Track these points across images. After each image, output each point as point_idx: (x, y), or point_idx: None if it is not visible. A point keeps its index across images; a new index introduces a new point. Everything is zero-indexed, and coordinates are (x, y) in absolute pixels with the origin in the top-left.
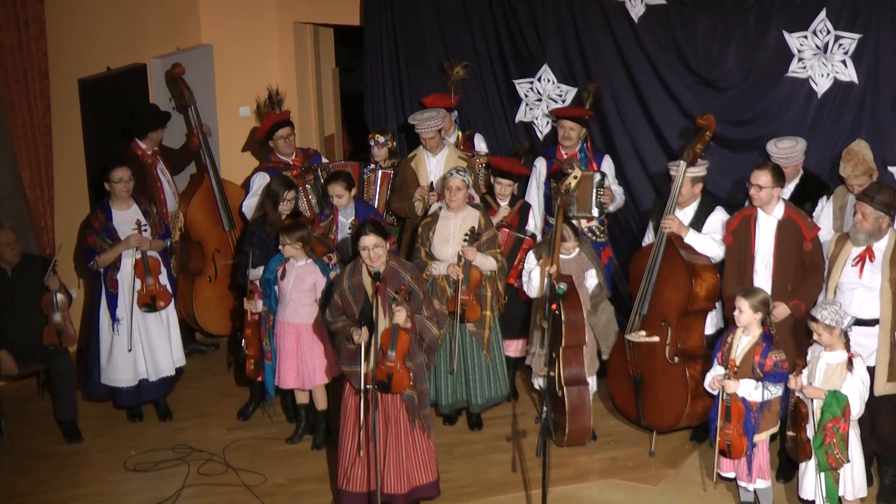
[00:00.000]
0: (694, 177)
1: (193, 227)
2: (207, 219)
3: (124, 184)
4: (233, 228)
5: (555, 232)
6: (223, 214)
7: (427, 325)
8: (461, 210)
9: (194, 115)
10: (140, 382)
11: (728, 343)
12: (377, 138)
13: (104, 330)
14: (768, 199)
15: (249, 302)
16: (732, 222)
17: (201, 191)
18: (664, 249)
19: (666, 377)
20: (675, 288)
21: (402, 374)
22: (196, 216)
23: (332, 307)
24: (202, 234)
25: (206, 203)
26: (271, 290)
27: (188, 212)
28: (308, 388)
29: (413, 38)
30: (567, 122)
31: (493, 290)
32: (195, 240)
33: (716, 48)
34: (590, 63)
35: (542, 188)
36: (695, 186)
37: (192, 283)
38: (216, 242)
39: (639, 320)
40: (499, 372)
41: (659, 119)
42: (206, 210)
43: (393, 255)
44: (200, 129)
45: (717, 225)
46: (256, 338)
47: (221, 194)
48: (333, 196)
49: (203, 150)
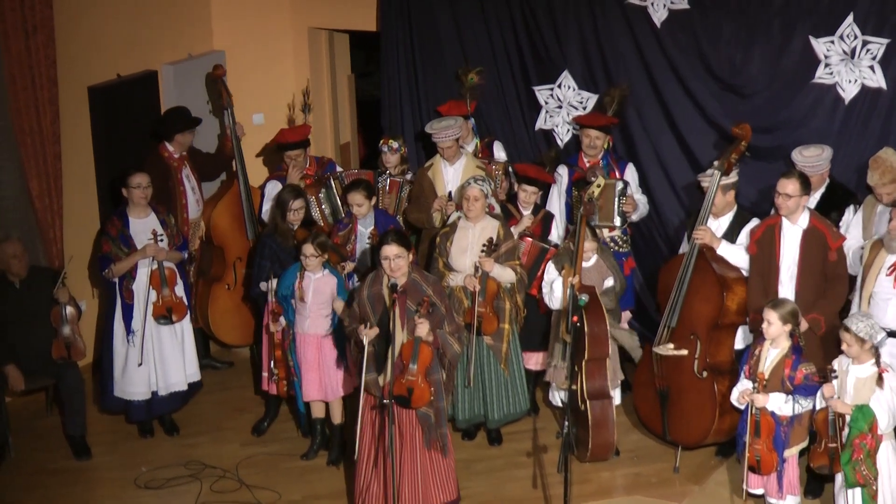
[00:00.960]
0: (725, 184)
1: (217, 232)
2: (232, 225)
3: (142, 190)
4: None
5: (577, 242)
6: (248, 223)
7: (449, 340)
8: (480, 220)
9: (230, 119)
10: (152, 396)
11: (756, 356)
12: (390, 143)
13: (118, 341)
14: (795, 208)
15: (275, 324)
16: (757, 232)
17: (229, 196)
18: (695, 261)
19: (694, 392)
20: (706, 301)
21: (424, 388)
22: (221, 221)
23: (350, 314)
24: (225, 240)
25: (232, 209)
26: (288, 304)
27: (213, 215)
28: (331, 398)
29: (431, 43)
30: (593, 131)
31: (512, 302)
32: (217, 245)
33: (740, 54)
34: (611, 69)
35: (564, 197)
36: (727, 194)
37: (210, 289)
38: (238, 250)
39: (667, 333)
40: (518, 387)
41: (682, 126)
42: (232, 216)
43: (416, 268)
44: (234, 133)
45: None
46: (285, 358)
47: (248, 202)
48: (353, 205)
49: (235, 154)
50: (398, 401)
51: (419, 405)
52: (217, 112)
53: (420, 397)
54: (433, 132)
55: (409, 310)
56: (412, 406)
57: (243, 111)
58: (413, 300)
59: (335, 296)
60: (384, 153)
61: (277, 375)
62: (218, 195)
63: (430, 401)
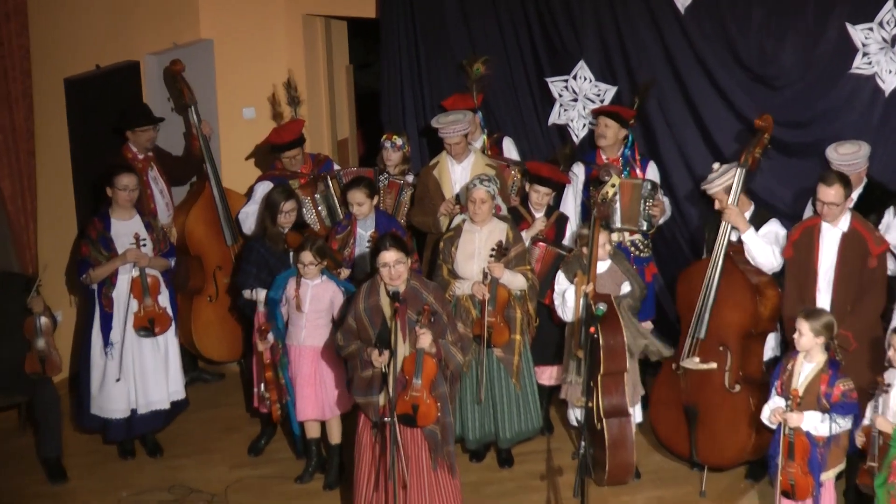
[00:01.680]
0: (727, 186)
1: (192, 241)
2: (208, 232)
3: (129, 192)
4: (236, 242)
5: (590, 248)
6: (225, 227)
7: (452, 350)
8: (487, 223)
9: (194, 117)
10: (132, 414)
11: (788, 371)
12: (394, 140)
13: (96, 354)
14: (841, 213)
15: (263, 342)
16: (794, 234)
17: (201, 200)
18: (722, 265)
19: (726, 408)
20: (737, 308)
21: (430, 404)
22: (195, 228)
23: (344, 330)
24: (202, 249)
25: (206, 214)
26: (277, 311)
27: (186, 223)
28: (329, 417)
29: (435, 31)
30: (603, 117)
31: (523, 311)
32: (194, 255)
33: (771, 42)
34: (631, 59)
35: (580, 197)
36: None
37: (191, 303)
38: (218, 258)
39: (694, 345)
40: (530, 402)
41: (708, 121)
42: (207, 222)
43: (415, 274)
44: (201, 132)
45: (771, 237)
46: (276, 377)
47: (224, 204)
48: (353, 204)
49: (204, 154)
50: (403, 420)
51: (426, 423)
52: (180, 111)
53: (426, 414)
54: (440, 127)
55: (410, 320)
56: (418, 425)
57: (232, 105)
58: (413, 309)
59: (335, 304)
60: (386, 149)
61: (269, 399)
62: (189, 201)
63: (438, 417)
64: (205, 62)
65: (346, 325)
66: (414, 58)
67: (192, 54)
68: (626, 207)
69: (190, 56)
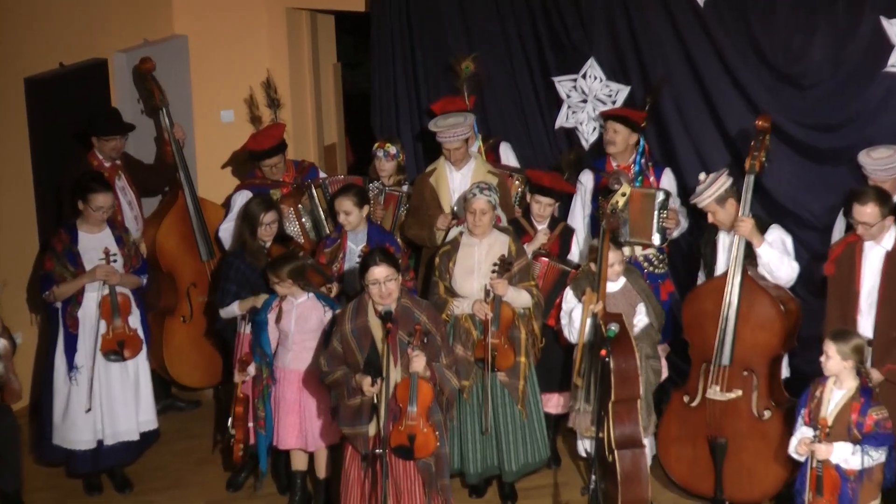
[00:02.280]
0: (718, 197)
1: (164, 256)
2: (181, 246)
3: (103, 213)
4: (211, 258)
5: (599, 262)
6: (200, 241)
7: (447, 375)
8: (487, 235)
9: (166, 120)
10: (98, 445)
11: (817, 398)
12: (387, 148)
13: (59, 379)
14: (880, 231)
15: (241, 373)
16: (835, 249)
17: (174, 212)
18: (741, 282)
19: (757, 437)
20: (763, 329)
21: (428, 433)
22: (167, 242)
23: (329, 355)
24: (174, 265)
25: (179, 227)
26: (263, 335)
27: (158, 236)
28: (311, 449)
29: (431, 27)
30: (611, 122)
31: (528, 330)
32: (166, 271)
33: (798, 37)
34: (645, 56)
35: (589, 208)
36: (727, 205)
37: (163, 323)
38: (191, 275)
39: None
40: (536, 431)
41: (729, 124)
42: (180, 235)
43: (406, 292)
44: (173, 137)
45: (779, 245)
46: (246, 416)
47: (198, 216)
48: (341, 213)
49: (177, 161)
50: (398, 452)
51: (424, 454)
52: (151, 113)
53: (424, 445)
54: (438, 131)
55: (402, 342)
56: (416, 456)
57: (209, 107)
58: (405, 330)
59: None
60: (379, 159)
61: (234, 437)
62: (161, 212)
63: (437, 447)
64: (178, 60)
65: (330, 349)
66: (408, 56)
67: (165, 52)
68: (635, 219)
69: (162, 54)
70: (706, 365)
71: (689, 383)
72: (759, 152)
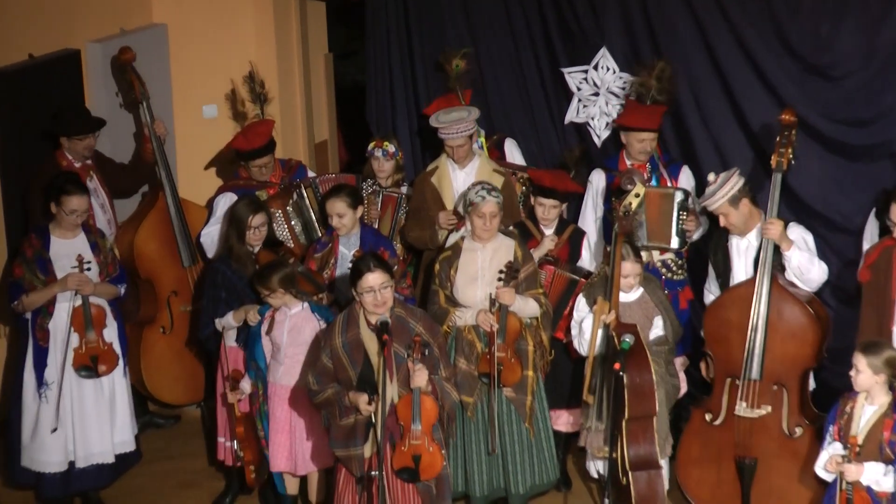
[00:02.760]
0: (731, 197)
1: (143, 262)
2: (161, 251)
3: (77, 216)
4: (194, 264)
5: (612, 268)
6: (181, 245)
7: (446, 388)
8: (491, 240)
9: (146, 115)
10: (70, 467)
11: (847, 413)
12: (385, 147)
13: (28, 396)
14: None
15: (234, 393)
16: (871, 254)
17: (154, 214)
18: (769, 289)
19: (788, 456)
20: (795, 339)
21: (434, 452)
22: (147, 247)
23: (318, 372)
24: (154, 271)
25: (159, 230)
26: (258, 347)
27: (136, 241)
28: (301, 472)
29: (429, 14)
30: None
31: (536, 342)
32: (145, 278)
33: (827, 24)
34: (661, 45)
35: (600, 210)
36: (741, 205)
37: (141, 335)
38: (172, 282)
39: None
40: (545, 450)
41: (751, 119)
42: (160, 240)
43: (398, 301)
44: (153, 133)
45: (802, 245)
46: (252, 434)
47: (180, 218)
48: (333, 216)
49: (157, 159)
50: (403, 475)
51: (431, 475)
52: (130, 108)
53: (431, 465)
54: (440, 126)
55: (398, 355)
56: (422, 478)
57: (190, 102)
58: (401, 342)
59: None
60: (376, 158)
61: (243, 459)
62: (139, 214)
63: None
64: (157, 51)
65: (319, 366)
66: (405, 45)
67: (143, 42)
68: (653, 221)
69: (140, 44)
70: (731, 380)
71: (711, 400)
72: (786, 149)
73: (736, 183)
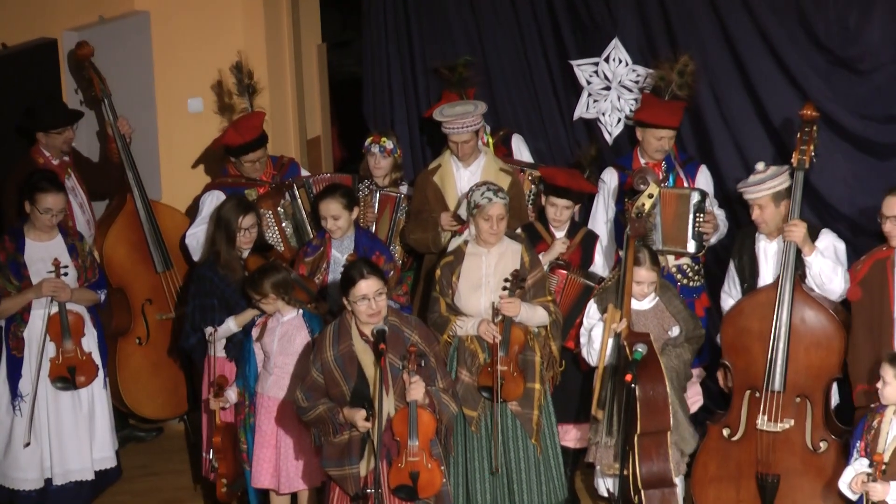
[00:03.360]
0: (776, 192)
1: (113, 269)
2: (132, 257)
3: (52, 216)
4: (168, 269)
5: (623, 273)
6: (153, 250)
7: (444, 399)
8: (497, 244)
9: (108, 113)
10: (46, 484)
11: (874, 429)
12: (383, 143)
13: (1, 409)
14: None
15: (218, 399)
16: (860, 270)
17: (122, 218)
18: (791, 295)
19: (812, 473)
20: (819, 349)
21: (433, 469)
22: (116, 253)
23: (308, 388)
24: (125, 278)
25: (129, 235)
26: (251, 357)
27: (105, 247)
28: (284, 491)
29: (430, 2)
30: (664, 130)
31: (544, 352)
32: (116, 286)
33: (855, 15)
34: (678, 35)
35: (612, 211)
36: (781, 205)
37: (115, 347)
38: (146, 289)
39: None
40: (552, 468)
41: (774, 114)
42: (130, 244)
43: (391, 309)
44: (117, 132)
45: (831, 253)
46: (230, 445)
47: (150, 222)
48: (328, 218)
49: (123, 160)
50: (400, 493)
51: (429, 493)
52: (91, 104)
53: (430, 482)
54: (444, 120)
55: (394, 367)
56: (420, 496)
57: (175, 95)
58: (396, 353)
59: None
60: (373, 155)
61: (217, 470)
62: (107, 219)
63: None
64: (139, 41)
65: (309, 381)
66: (404, 34)
67: (124, 30)
68: (668, 224)
69: (121, 32)
70: (751, 392)
71: (729, 414)
72: (808, 146)
73: (785, 180)
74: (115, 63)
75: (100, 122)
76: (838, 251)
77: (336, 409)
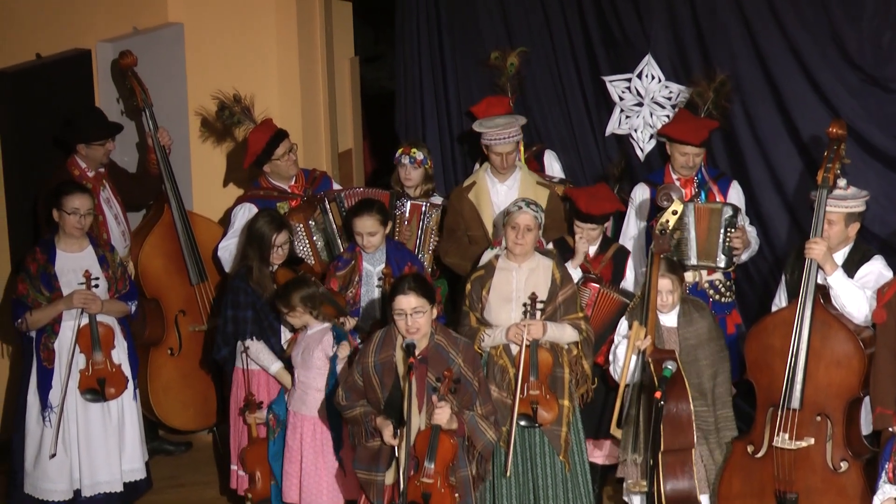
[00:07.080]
0: (850, 213)
1: (148, 280)
2: (168, 268)
3: (80, 217)
4: (203, 280)
5: (648, 289)
6: (189, 262)
7: (480, 426)
8: (528, 259)
9: (149, 123)
10: (75, 496)
11: None
12: (413, 154)
13: (32, 420)
14: None
15: (252, 415)
16: (886, 293)
17: (159, 229)
18: (812, 313)
19: (832, 493)
20: (839, 367)
21: (445, 494)
22: (151, 264)
23: (348, 387)
24: (160, 289)
25: (165, 246)
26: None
27: (141, 257)
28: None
29: (463, 16)
30: (690, 147)
31: (576, 370)
32: (150, 297)
33: (889, 33)
34: (710, 53)
35: (644, 226)
36: (850, 227)
37: (147, 357)
38: (180, 301)
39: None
40: (580, 486)
41: (805, 132)
42: (166, 256)
43: (442, 328)
44: (157, 143)
45: (872, 278)
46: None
47: (187, 233)
48: (363, 234)
49: (162, 170)
50: None
51: None
52: (132, 114)
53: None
54: (486, 132)
55: (430, 385)
56: None
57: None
58: (436, 372)
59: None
60: (403, 166)
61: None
62: (143, 230)
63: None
64: (173, 52)
65: (350, 381)
66: (437, 49)
67: (158, 42)
68: (702, 239)
69: (154, 44)
70: (773, 409)
71: (753, 431)
72: (833, 164)
73: (861, 204)
74: (148, 74)
75: (139, 133)
76: (882, 279)
77: (371, 415)
